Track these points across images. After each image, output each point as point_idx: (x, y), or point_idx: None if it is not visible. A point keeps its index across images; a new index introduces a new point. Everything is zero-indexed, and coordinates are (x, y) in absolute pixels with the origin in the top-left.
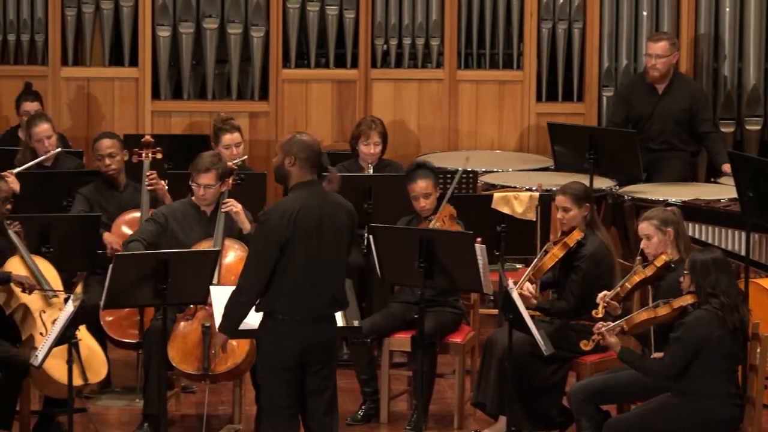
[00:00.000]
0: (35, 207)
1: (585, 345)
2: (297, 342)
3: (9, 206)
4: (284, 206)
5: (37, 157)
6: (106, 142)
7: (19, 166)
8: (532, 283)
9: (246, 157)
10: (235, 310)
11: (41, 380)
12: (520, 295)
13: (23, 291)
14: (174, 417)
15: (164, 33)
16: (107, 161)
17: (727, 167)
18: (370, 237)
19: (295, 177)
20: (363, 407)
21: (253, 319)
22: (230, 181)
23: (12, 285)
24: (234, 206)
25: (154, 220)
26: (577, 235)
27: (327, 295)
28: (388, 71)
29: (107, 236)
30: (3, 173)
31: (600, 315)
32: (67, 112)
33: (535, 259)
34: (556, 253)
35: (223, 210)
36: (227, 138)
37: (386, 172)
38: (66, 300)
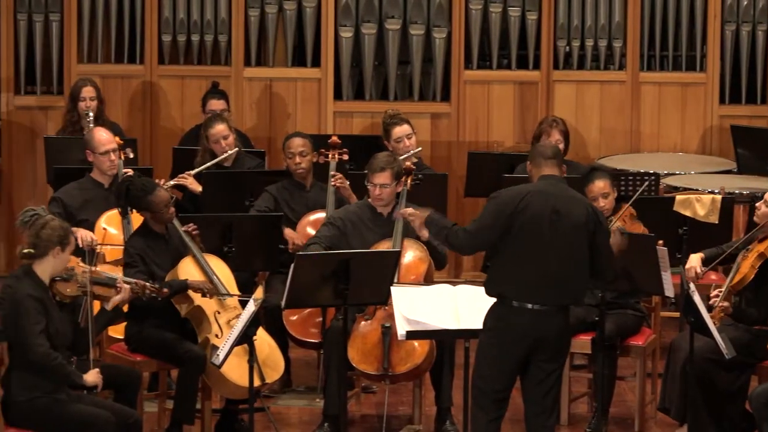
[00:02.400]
0: (218, 207)
1: None
2: (526, 330)
3: (173, 209)
4: (517, 188)
5: (216, 158)
6: (297, 141)
7: (198, 167)
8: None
9: (420, 149)
10: (448, 227)
11: (218, 382)
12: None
13: (203, 296)
14: (354, 417)
15: (347, 34)
16: (298, 159)
17: None
18: None
19: (535, 175)
20: None
21: (434, 319)
22: (408, 181)
23: (189, 291)
24: (405, 213)
25: (331, 224)
26: None
27: (560, 287)
28: (570, 73)
29: (288, 232)
30: (181, 175)
31: None
32: (249, 112)
33: (732, 273)
34: (754, 264)
35: (395, 216)
36: (397, 130)
37: (568, 171)
38: (242, 301)
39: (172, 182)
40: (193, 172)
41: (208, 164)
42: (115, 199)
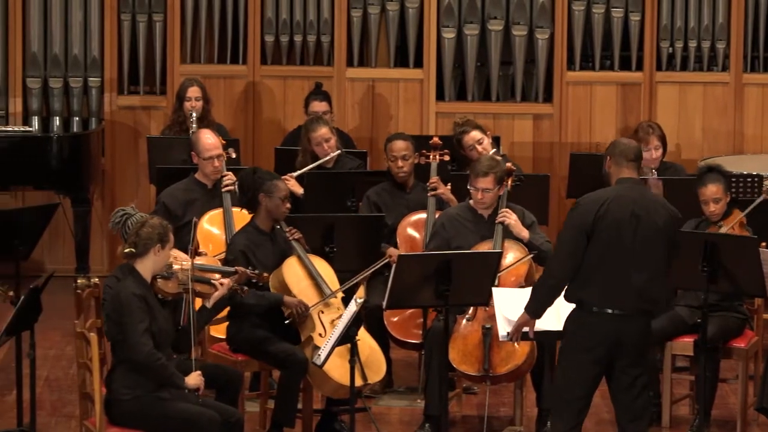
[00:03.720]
0: (320, 207)
1: None
2: (607, 335)
3: (288, 205)
4: (597, 195)
5: (318, 160)
6: (400, 144)
7: (300, 169)
8: None
9: (495, 150)
10: (543, 293)
11: (320, 380)
12: None
13: (292, 317)
14: (455, 418)
15: (449, 34)
16: (400, 163)
17: None
18: None
19: (614, 175)
20: None
21: (547, 323)
22: (509, 182)
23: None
24: (507, 218)
25: (437, 234)
26: None
27: (641, 291)
28: (673, 74)
29: (392, 251)
30: (283, 177)
31: None
32: (352, 112)
33: None
34: None
35: (497, 221)
36: (468, 138)
37: (668, 174)
38: (344, 301)
39: None
40: (295, 174)
41: (310, 167)
42: (238, 187)
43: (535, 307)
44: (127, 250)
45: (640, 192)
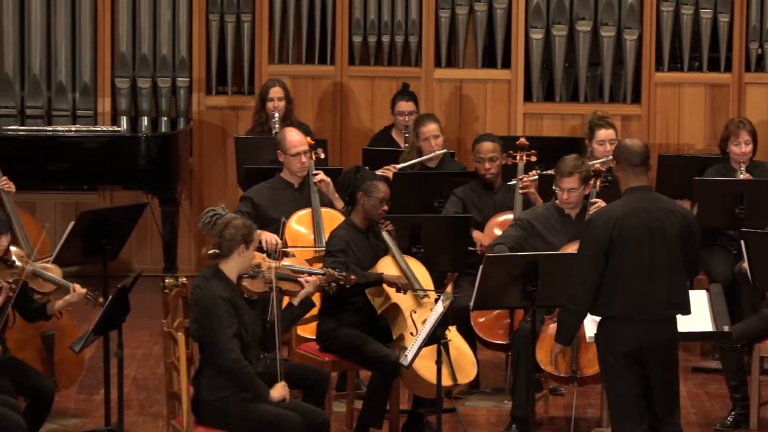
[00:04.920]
0: (407, 207)
1: None
2: (634, 342)
3: (386, 207)
4: (609, 212)
5: (423, 156)
6: (487, 145)
7: (404, 162)
8: None
9: (611, 157)
10: (568, 320)
11: (411, 380)
12: None
13: (397, 291)
14: (542, 419)
15: (537, 35)
16: (488, 165)
17: None
18: (742, 242)
19: (623, 182)
20: (732, 413)
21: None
22: (598, 182)
23: (384, 286)
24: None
25: (518, 225)
26: None
27: (663, 298)
28: (762, 75)
29: (477, 234)
30: (387, 167)
31: None
32: (439, 113)
33: None
34: None
35: (590, 213)
36: (602, 133)
37: (757, 173)
38: (436, 300)
39: (376, 172)
40: (398, 165)
41: (414, 161)
42: (340, 184)
43: (566, 337)
44: (211, 251)
45: (651, 201)
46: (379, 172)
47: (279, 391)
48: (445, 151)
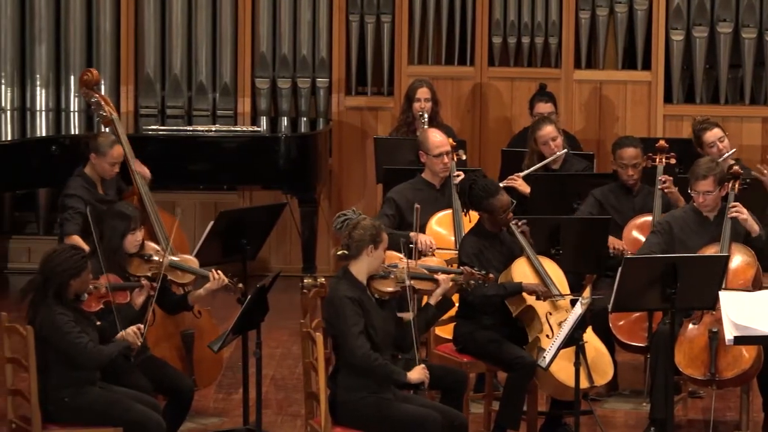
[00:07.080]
0: (546, 209)
1: None
2: None
3: (510, 215)
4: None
5: (544, 160)
6: (630, 152)
7: (526, 169)
8: None
9: (735, 150)
10: None
11: (547, 382)
12: None
13: (537, 299)
14: (680, 421)
15: (678, 37)
16: (630, 171)
17: None
18: None
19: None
20: None
21: (764, 324)
22: (736, 185)
23: (524, 294)
24: (740, 212)
25: (658, 232)
26: None
27: None
28: None
29: (612, 240)
30: (510, 177)
31: None
32: (579, 114)
33: None
34: None
35: (729, 216)
36: (708, 135)
37: None
38: (572, 302)
39: (501, 184)
40: (522, 173)
41: (537, 166)
42: (458, 195)
43: None
44: (340, 252)
45: None
46: (503, 183)
47: (418, 372)
48: (565, 151)
